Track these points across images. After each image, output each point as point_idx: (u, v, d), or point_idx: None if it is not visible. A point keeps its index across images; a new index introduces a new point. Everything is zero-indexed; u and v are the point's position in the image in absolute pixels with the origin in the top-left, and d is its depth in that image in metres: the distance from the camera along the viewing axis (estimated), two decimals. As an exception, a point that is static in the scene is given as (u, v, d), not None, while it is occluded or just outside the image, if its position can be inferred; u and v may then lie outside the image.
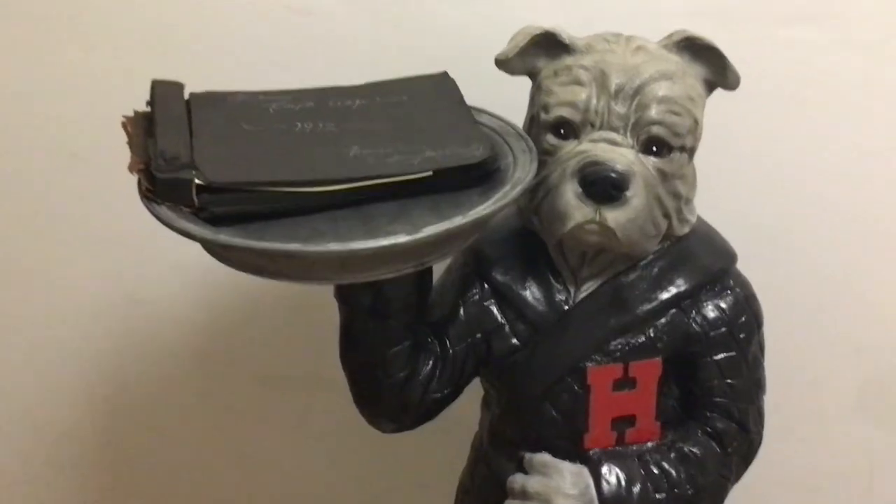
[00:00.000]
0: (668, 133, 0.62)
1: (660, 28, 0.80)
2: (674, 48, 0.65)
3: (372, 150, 0.62)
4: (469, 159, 0.61)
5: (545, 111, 0.64)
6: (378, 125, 0.65)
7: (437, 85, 0.71)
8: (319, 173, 0.59)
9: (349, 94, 0.69)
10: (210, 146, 0.61)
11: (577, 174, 0.61)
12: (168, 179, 0.57)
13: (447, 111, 0.67)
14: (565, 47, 0.65)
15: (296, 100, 0.68)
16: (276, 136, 0.63)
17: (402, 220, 0.58)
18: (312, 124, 0.65)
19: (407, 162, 0.61)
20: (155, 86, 0.66)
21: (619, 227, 0.61)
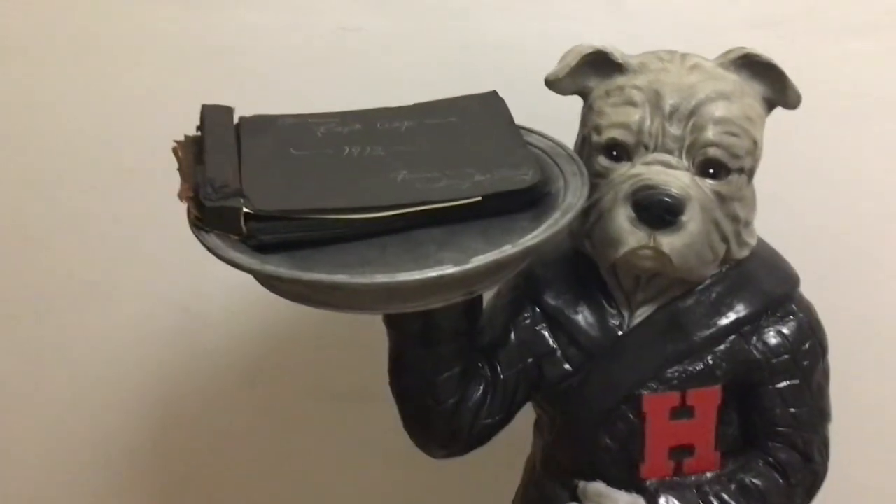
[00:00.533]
0: (726, 155, 0.60)
1: (714, 43, 0.78)
2: (731, 66, 0.63)
3: (420, 175, 0.61)
4: (519, 184, 0.60)
5: (597, 133, 0.63)
6: (426, 148, 0.64)
7: (486, 105, 0.70)
8: (367, 200, 0.59)
9: (397, 115, 0.69)
10: (258, 173, 0.61)
11: (630, 198, 0.60)
12: (216, 208, 0.57)
13: (496, 132, 0.66)
14: (618, 66, 0.64)
15: (344, 122, 0.68)
16: (324, 161, 0.63)
17: (451, 247, 0.57)
18: (360, 148, 0.64)
19: (455, 187, 0.60)
20: (205, 111, 0.67)
21: (674, 252, 0.59)
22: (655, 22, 0.80)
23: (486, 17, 0.83)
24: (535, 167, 0.61)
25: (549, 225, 0.56)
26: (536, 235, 0.55)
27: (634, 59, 0.64)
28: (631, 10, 0.80)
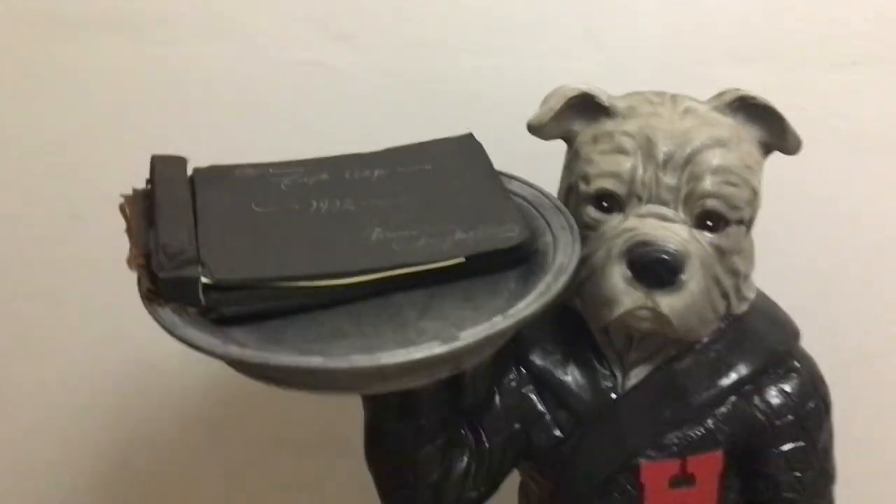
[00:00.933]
0: (725, 206, 0.56)
1: (698, 77, 0.75)
2: (726, 109, 0.58)
3: (396, 233, 0.56)
4: (504, 242, 0.55)
5: (585, 182, 0.58)
6: (401, 201, 0.59)
7: (462, 150, 0.65)
8: (339, 265, 0.53)
9: (367, 163, 0.63)
10: (217, 235, 0.55)
11: (624, 255, 0.55)
12: (171, 279, 0.51)
13: (476, 182, 0.61)
14: (604, 109, 0.59)
15: (309, 172, 0.62)
16: (290, 220, 0.57)
17: (433, 315, 0.53)
18: (329, 202, 0.59)
19: (436, 247, 0.55)
20: (155, 162, 0.61)
21: (674, 314, 0.55)
22: (635, 56, 0.76)
23: (459, 51, 0.78)
24: (520, 222, 0.56)
25: (542, 291, 0.51)
26: (529, 304, 0.50)
27: (622, 101, 0.60)
28: (609, 44, 0.76)
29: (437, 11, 0.77)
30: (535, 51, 0.77)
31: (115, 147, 0.86)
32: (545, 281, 0.52)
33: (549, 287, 0.52)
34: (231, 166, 0.62)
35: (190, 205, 0.58)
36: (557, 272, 0.53)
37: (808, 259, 0.82)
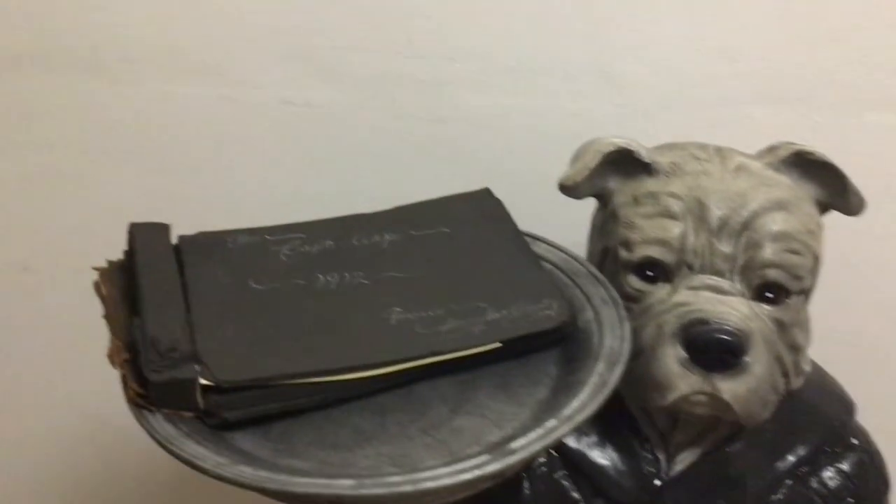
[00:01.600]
0: (787, 276, 0.50)
1: (719, 118, 0.70)
2: (781, 166, 0.53)
3: (418, 313, 0.49)
4: (543, 323, 0.48)
5: (626, 248, 0.52)
6: (419, 272, 0.52)
7: (480, 208, 0.58)
8: (359, 356, 0.46)
9: (375, 225, 0.56)
10: (214, 323, 0.47)
11: (679, 334, 0.49)
12: (165, 382, 0.43)
13: (501, 247, 0.54)
14: (644, 166, 0.53)
15: (312, 239, 0.55)
16: (296, 299, 0.50)
17: (468, 409, 0.46)
18: (338, 276, 0.52)
19: (466, 330, 0.48)
20: (134, 232, 0.53)
21: (736, 400, 0.49)
22: (653, 97, 0.70)
23: (460, 90, 0.71)
24: (558, 297, 0.50)
25: (597, 385, 0.45)
26: (585, 404, 0.44)
27: (662, 156, 0.54)
28: (626, 84, 0.70)
29: (439, 50, 0.70)
30: (546, 90, 0.70)
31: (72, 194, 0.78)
32: (596, 371, 0.46)
33: (604, 380, 0.45)
34: (221, 233, 0.55)
35: (178, 283, 0.50)
36: (610, 360, 0.46)
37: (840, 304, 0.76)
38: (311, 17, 0.71)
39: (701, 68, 0.69)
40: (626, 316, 0.49)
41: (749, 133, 0.70)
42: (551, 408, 0.45)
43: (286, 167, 0.76)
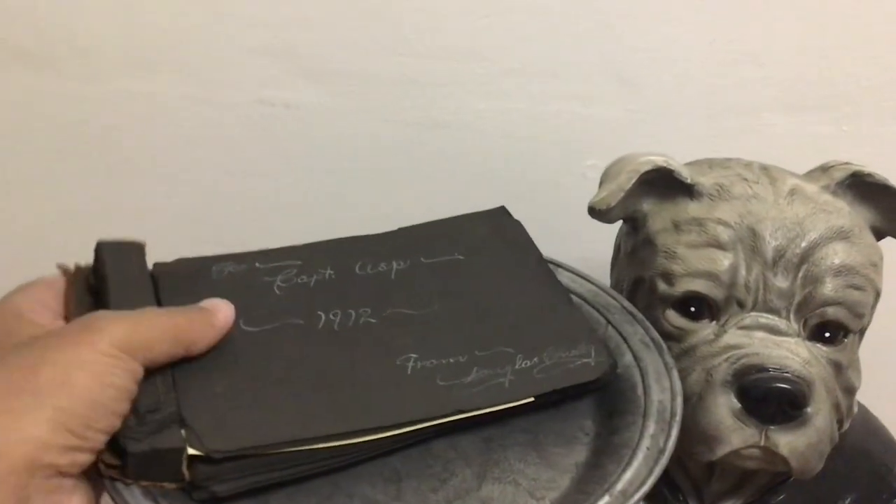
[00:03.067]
0: (848, 315, 0.45)
1: (743, 126, 0.65)
2: (837, 188, 0.47)
3: (438, 360, 0.42)
4: (581, 374, 0.42)
5: (667, 281, 0.46)
6: (433, 307, 0.46)
7: (497, 231, 0.51)
8: (372, 417, 0.39)
9: (380, 250, 0.49)
10: (200, 376, 0.40)
11: (732, 383, 0.43)
12: (146, 453, 0.36)
13: (523, 277, 0.48)
14: (685, 187, 0.47)
15: (308, 267, 0.47)
16: (294, 344, 0.43)
17: (497, 475, 0.40)
18: (341, 313, 0.45)
19: (494, 383, 0.41)
20: (103, 251, 0.45)
21: (794, 454, 0.43)
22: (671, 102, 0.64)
23: (460, 92, 0.65)
24: (596, 342, 0.44)
25: (650, 451, 0.39)
26: (641, 476, 0.37)
27: (704, 175, 0.48)
28: (643, 89, 0.64)
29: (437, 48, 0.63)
30: (554, 94, 0.64)
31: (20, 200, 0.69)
32: (647, 433, 0.40)
33: (659, 445, 0.39)
34: (204, 260, 0.47)
35: None
36: (662, 419, 0.40)
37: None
38: (293, 7, 0.63)
39: (722, 74, 0.63)
40: (671, 361, 0.43)
41: (770, 142, 0.65)
42: (597, 477, 0.39)
43: (262, 174, 0.68)
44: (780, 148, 0.63)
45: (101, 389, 0.34)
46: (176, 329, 0.38)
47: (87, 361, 0.34)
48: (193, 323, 0.39)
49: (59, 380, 0.34)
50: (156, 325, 0.37)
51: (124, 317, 0.37)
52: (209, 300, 0.41)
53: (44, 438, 0.33)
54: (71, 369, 0.34)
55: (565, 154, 0.65)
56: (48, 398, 0.33)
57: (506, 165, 0.66)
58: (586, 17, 0.62)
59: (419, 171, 0.67)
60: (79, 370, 0.34)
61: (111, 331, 0.36)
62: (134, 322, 0.37)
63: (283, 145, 0.68)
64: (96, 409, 0.34)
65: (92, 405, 0.34)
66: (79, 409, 0.34)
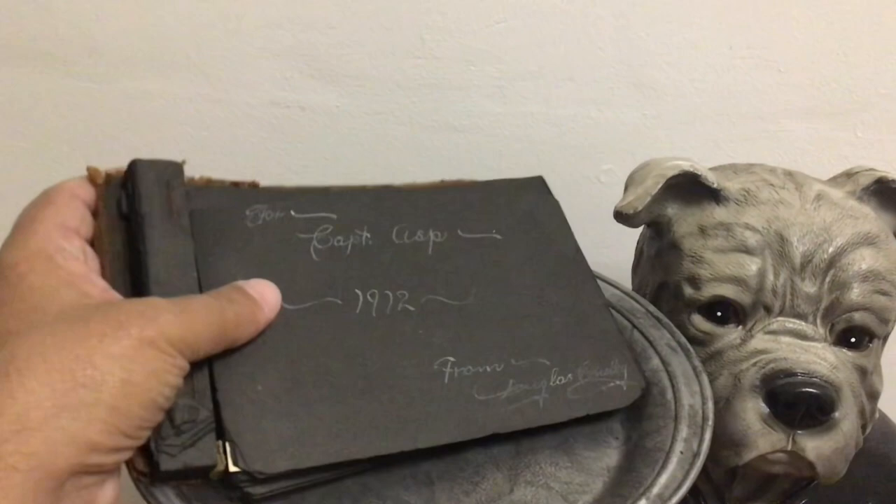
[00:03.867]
0: (875, 320, 0.45)
1: (760, 131, 0.65)
2: (863, 194, 0.48)
3: (475, 368, 0.41)
4: (612, 400, 0.42)
5: (693, 286, 0.46)
6: (469, 298, 0.44)
7: (534, 209, 0.48)
8: (411, 436, 0.38)
9: (416, 210, 0.46)
10: (240, 370, 0.38)
11: (761, 387, 0.43)
12: (181, 469, 0.35)
13: (560, 273, 0.46)
14: (711, 192, 0.47)
15: (344, 226, 0.44)
16: (333, 331, 0.41)
17: (529, 478, 0.40)
18: (379, 295, 0.43)
19: (528, 401, 0.40)
20: (137, 172, 0.39)
21: (821, 459, 0.43)
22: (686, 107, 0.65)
23: (477, 96, 0.65)
24: (628, 360, 0.43)
25: (686, 457, 0.39)
26: (677, 482, 0.37)
27: (730, 181, 0.48)
28: (658, 94, 0.64)
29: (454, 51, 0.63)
30: (571, 98, 0.64)
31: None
32: (680, 437, 0.40)
33: (693, 449, 0.39)
34: (238, 196, 0.43)
35: (195, 281, 0.39)
36: (693, 422, 0.40)
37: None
38: (308, 9, 0.63)
39: (739, 79, 0.63)
40: (700, 365, 0.43)
41: (788, 148, 0.65)
42: (631, 480, 0.39)
43: (276, 176, 0.68)
44: (797, 153, 0.63)
45: (159, 389, 0.32)
46: (224, 325, 0.36)
47: (148, 359, 0.32)
48: (241, 317, 0.37)
49: (119, 377, 0.31)
50: (205, 321, 0.35)
51: (178, 311, 0.34)
52: (256, 285, 0.38)
53: (94, 440, 0.30)
54: (131, 366, 0.31)
55: (581, 158, 0.65)
56: (107, 397, 0.31)
57: (521, 169, 0.66)
58: (604, 21, 0.62)
59: (434, 174, 0.66)
60: (139, 367, 0.32)
61: (167, 327, 0.33)
62: (187, 318, 0.34)
63: (297, 147, 0.67)
64: (151, 409, 0.32)
65: (148, 406, 0.32)
66: (135, 410, 0.31)
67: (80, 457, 0.30)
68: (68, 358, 0.31)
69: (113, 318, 0.32)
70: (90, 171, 0.39)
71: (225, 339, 0.36)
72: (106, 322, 0.32)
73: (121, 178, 0.39)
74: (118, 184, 0.39)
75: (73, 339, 0.31)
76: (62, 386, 0.30)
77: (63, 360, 0.31)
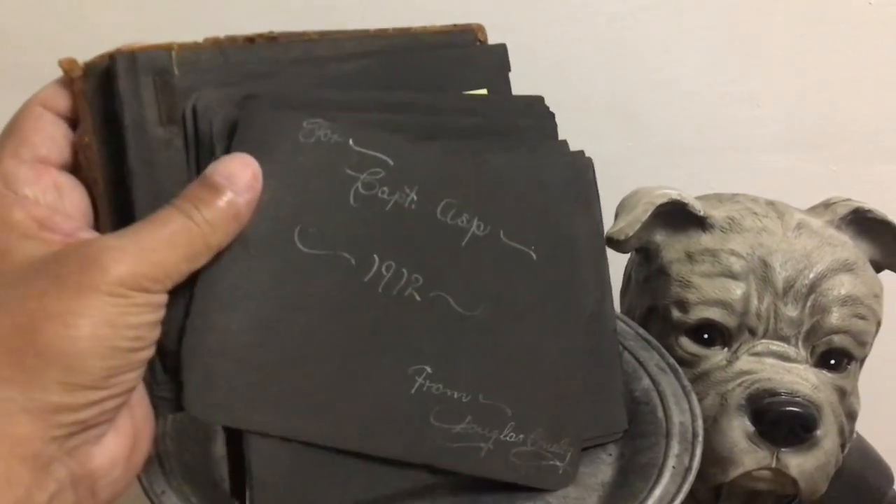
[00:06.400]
0: (853, 343, 0.47)
1: (739, 162, 0.68)
2: (841, 223, 0.50)
3: (444, 390, 0.39)
4: (543, 480, 0.41)
5: (681, 309, 0.48)
6: (476, 314, 0.40)
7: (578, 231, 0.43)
8: (355, 434, 0.38)
9: (474, 188, 0.40)
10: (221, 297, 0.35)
11: (747, 406, 0.45)
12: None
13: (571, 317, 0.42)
14: (697, 220, 0.50)
15: (395, 174, 0.38)
16: (334, 291, 0.37)
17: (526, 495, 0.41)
18: (394, 269, 0.39)
19: (473, 446, 0.40)
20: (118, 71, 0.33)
21: (804, 476, 0.45)
22: (669, 138, 0.67)
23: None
24: (576, 449, 0.41)
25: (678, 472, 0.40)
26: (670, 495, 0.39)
27: (714, 209, 0.50)
28: (641, 124, 0.67)
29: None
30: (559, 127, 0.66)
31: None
32: (672, 453, 0.41)
33: (685, 463, 0.41)
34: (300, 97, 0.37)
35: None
36: (684, 438, 0.42)
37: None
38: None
39: (721, 112, 0.66)
40: (687, 385, 0.45)
41: (762, 178, 0.68)
42: (626, 494, 0.40)
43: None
44: (773, 184, 0.65)
45: (118, 335, 0.29)
46: (193, 236, 0.31)
47: (94, 309, 0.29)
48: (214, 217, 0.32)
49: (63, 334, 0.28)
50: (168, 241, 0.31)
51: (127, 243, 0.30)
52: (225, 165, 0.32)
53: (56, 402, 0.29)
54: (76, 321, 0.29)
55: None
56: (54, 358, 0.28)
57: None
58: (589, 54, 0.65)
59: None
60: (85, 320, 0.29)
61: (113, 268, 0.29)
62: (140, 249, 0.30)
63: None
64: (116, 357, 0.29)
65: (108, 355, 0.29)
66: (93, 363, 0.29)
67: (46, 421, 0.29)
68: (10, 328, 0.29)
69: (53, 273, 0.29)
70: (63, 64, 0.32)
71: (201, 250, 0.32)
72: (47, 278, 0.29)
73: (105, 66, 0.33)
74: (102, 73, 0.33)
75: (16, 304, 0.29)
76: (8, 359, 0.29)
77: (4, 330, 0.29)
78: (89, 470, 0.31)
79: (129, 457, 0.32)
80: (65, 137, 0.33)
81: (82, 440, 0.30)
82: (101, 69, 0.32)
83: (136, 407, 0.33)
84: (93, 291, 0.29)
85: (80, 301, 0.29)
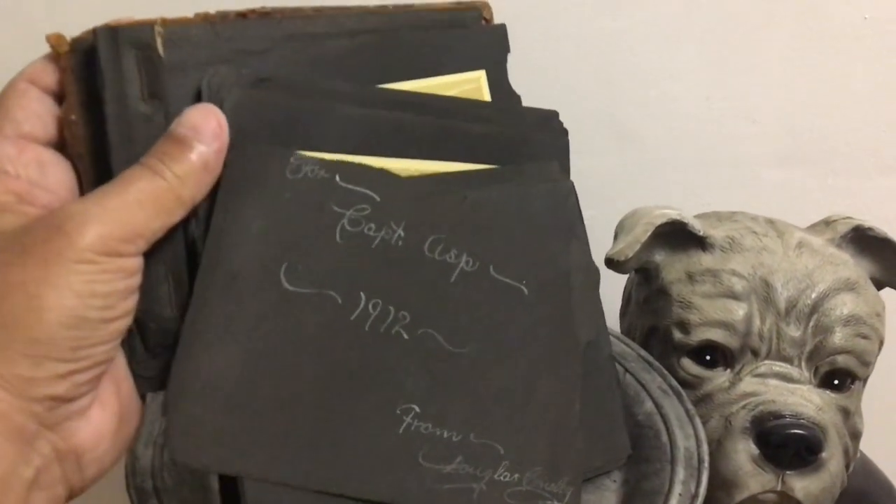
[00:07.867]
0: (856, 363, 0.47)
1: (738, 178, 0.68)
2: (841, 242, 0.50)
3: (433, 429, 0.38)
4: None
5: (682, 330, 0.48)
6: (465, 351, 0.39)
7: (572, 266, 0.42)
8: (339, 477, 0.37)
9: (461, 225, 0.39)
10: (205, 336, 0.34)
11: (751, 429, 0.45)
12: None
13: (566, 354, 0.41)
14: (697, 240, 0.49)
15: (381, 210, 0.37)
16: (320, 330, 0.37)
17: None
18: (381, 307, 0.38)
19: (465, 487, 0.39)
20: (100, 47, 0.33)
21: (809, 499, 0.45)
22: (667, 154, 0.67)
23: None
24: (577, 483, 0.40)
25: (685, 499, 0.40)
26: None
27: (715, 229, 0.50)
28: (638, 140, 0.66)
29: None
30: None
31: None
32: (678, 479, 0.41)
33: (691, 490, 0.40)
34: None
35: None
36: (690, 464, 0.41)
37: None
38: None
39: (717, 128, 0.66)
40: (691, 409, 0.45)
41: (759, 195, 0.68)
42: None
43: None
44: (770, 200, 0.65)
45: (85, 304, 0.29)
46: (162, 193, 0.30)
47: (57, 277, 0.28)
48: (185, 173, 0.31)
49: (26, 305, 0.28)
50: (136, 201, 0.30)
51: (91, 205, 0.29)
52: (188, 118, 0.32)
53: (25, 375, 0.28)
54: (40, 290, 0.28)
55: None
56: (19, 331, 0.28)
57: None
58: (586, 72, 0.64)
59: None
60: (50, 290, 0.28)
61: (80, 234, 0.28)
62: (105, 210, 0.29)
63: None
64: (82, 327, 0.29)
65: (75, 325, 0.28)
66: (58, 334, 0.28)
67: (21, 396, 0.28)
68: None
69: (19, 244, 0.29)
70: (51, 39, 0.32)
71: (172, 205, 0.31)
72: (13, 250, 0.29)
73: (91, 42, 0.33)
74: (88, 49, 0.33)
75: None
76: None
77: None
78: (74, 445, 0.30)
79: (117, 431, 0.32)
80: (50, 113, 0.32)
81: (63, 415, 0.30)
82: (87, 45, 0.32)
83: (123, 382, 0.32)
84: (58, 259, 0.28)
85: (45, 270, 0.28)
